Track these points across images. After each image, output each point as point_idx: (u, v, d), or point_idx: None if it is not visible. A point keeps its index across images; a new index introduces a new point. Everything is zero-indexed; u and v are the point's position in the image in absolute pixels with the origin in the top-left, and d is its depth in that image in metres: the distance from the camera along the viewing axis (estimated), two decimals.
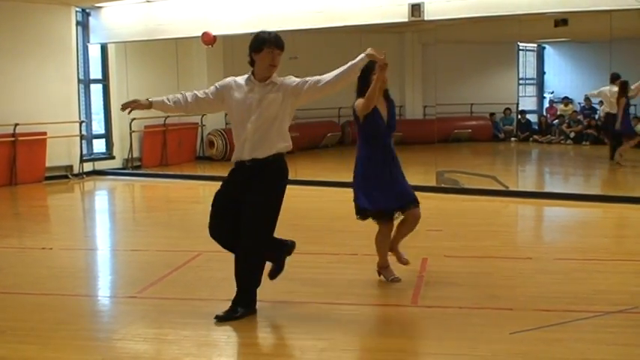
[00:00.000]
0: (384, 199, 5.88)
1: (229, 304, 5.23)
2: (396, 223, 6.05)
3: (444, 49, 16.93)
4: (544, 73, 22.39)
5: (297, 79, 5.27)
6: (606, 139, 15.65)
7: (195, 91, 5.43)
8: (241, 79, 5.34)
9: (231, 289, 5.69)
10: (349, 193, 6.02)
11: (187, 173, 14.68)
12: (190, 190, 12.96)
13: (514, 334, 4.78)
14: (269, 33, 5.25)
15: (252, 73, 5.29)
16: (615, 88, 14.06)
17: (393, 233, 6.10)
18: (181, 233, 8.73)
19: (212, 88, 5.45)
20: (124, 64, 14.89)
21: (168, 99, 5.41)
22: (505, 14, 10.87)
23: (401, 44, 20.17)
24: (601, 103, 16.41)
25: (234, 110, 5.32)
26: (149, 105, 5.35)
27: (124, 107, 5.34)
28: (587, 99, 18.88)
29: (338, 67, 5.22)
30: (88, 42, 14.45)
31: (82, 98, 14.51)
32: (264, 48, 5.16)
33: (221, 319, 5.18)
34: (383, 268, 6.15)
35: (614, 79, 14.14)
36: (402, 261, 6.20)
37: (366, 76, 5.62)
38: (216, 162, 15.94)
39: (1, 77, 13.03)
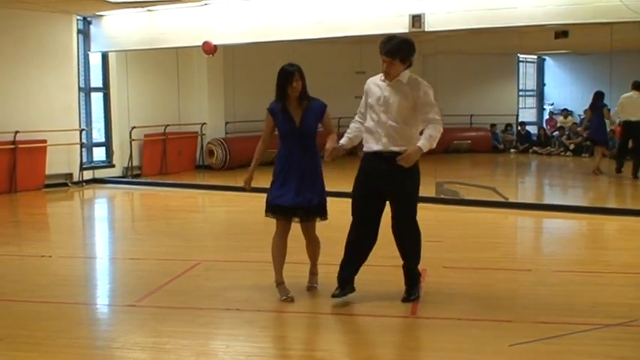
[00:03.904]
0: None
1: (228, 313, 5.20)
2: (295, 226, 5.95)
3: (444, 60, 16.96)
4: (544, 84, 22.47)
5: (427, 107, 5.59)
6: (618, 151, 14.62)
7: (356, 118, 5.84)
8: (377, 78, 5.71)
9: (229, 298, 5.68)
10: (348, 203, 6.01)
11: (187, 182, 14.65)
12: (190, 199, 12.96)
13: (513, 346, 4.77)
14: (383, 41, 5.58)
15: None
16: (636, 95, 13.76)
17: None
18: (180, 242, 8.73)
19: (362, 102, 5.80)
20: (124, 72, 14.91)
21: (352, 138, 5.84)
22: (505, 26, 10.89)
23: None
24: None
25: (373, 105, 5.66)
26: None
27: (331, 158, 5.68)
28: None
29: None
30: (89, 50, 14.49)
31: (83, 106, 14.53)
32: None
33: (408, 300, 5.69)
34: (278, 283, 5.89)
35: (638, 85, 13.86)
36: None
37: (281, 84, 5.73)
38: (216, 171, 15.96)
39: (2, 85, 13.05)
